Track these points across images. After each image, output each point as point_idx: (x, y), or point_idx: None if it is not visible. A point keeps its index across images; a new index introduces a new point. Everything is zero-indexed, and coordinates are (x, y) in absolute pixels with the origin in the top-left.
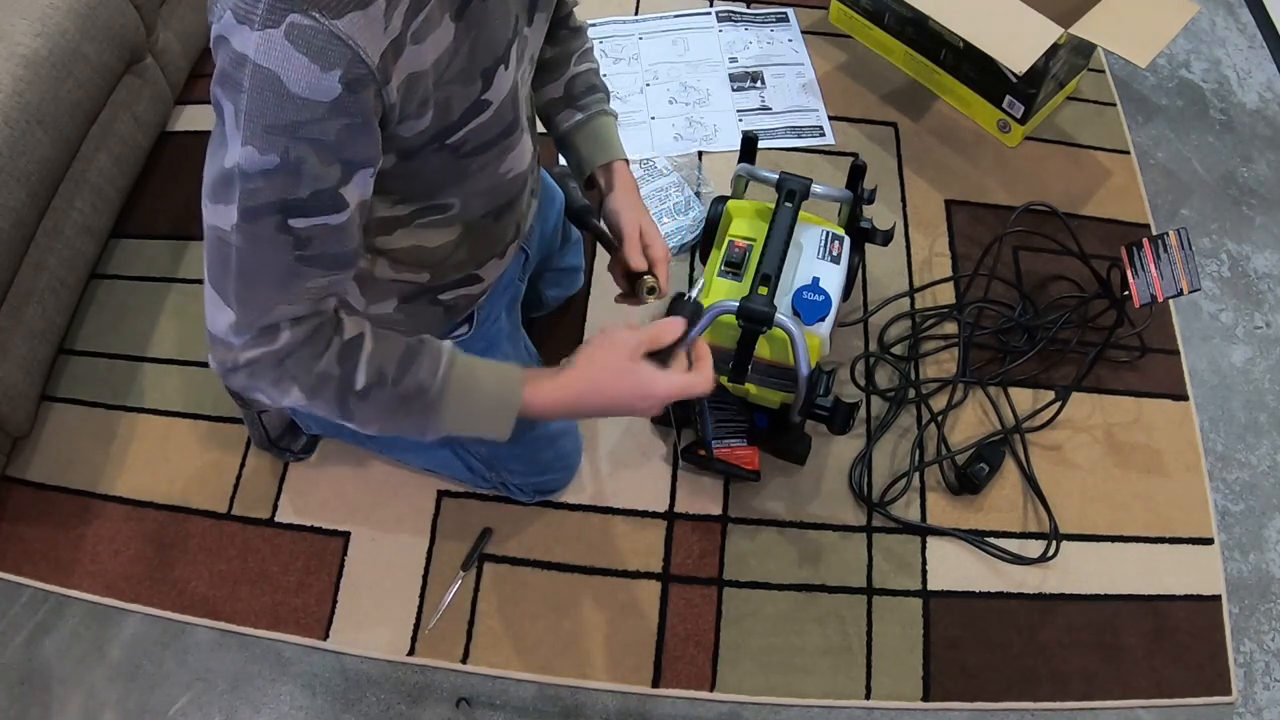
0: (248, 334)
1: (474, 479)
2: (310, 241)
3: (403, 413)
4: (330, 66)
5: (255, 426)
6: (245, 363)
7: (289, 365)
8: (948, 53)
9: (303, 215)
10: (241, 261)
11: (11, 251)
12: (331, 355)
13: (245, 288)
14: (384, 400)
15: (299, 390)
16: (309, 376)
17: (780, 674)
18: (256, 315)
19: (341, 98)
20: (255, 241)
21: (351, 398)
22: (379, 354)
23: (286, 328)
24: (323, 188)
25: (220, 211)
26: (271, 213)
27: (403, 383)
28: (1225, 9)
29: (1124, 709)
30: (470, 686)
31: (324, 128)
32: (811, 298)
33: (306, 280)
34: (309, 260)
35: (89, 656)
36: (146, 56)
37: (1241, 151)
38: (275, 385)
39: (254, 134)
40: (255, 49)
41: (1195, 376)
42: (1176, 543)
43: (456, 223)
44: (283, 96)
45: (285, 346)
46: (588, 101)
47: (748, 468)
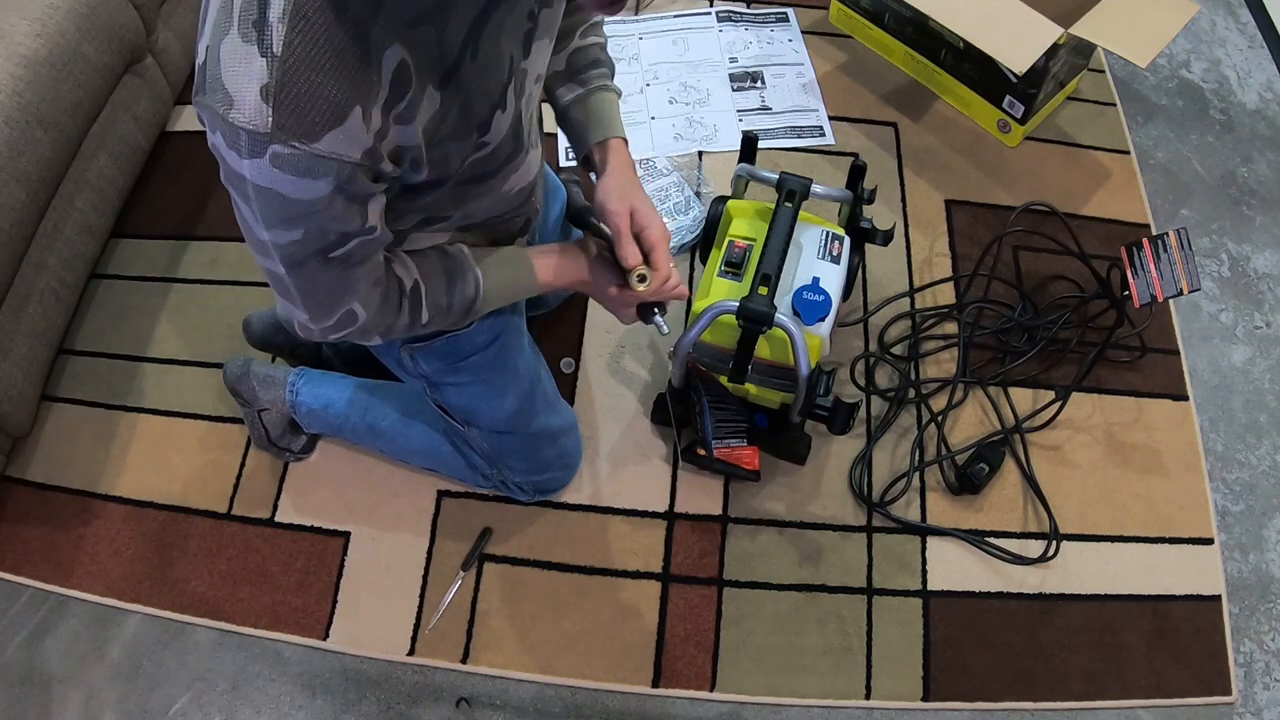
0: (325, 322)
1: (474, 478)
2: (351, 257)
3: (462, 318)
4: (319, 177)
5: (255, 426)
6: (332, 339)
7: (368, 327)
8: (948, 53)
9: (338, 248)
10: (299, 288)
11: (11, 251)
12: (404, 312)
13: (309, 301)
14: (445, 320)
15: (378, 337)
16: (386, 330)
17: (780, 674)
18: (327, 314)
19: (336, 190)
20: (305, 277)
21: (419, 327)
22: (433, 293)
23: (361, 310)
24: (349, 230)
25: (268, 263)
26: (313, 259)
27: (453, 306)
28: (1225, 9)
29: (1124, 709)
30: (470, 686)
31: (331, 207)
32: (811, 298)
33: (360, 279)
34: (354, 264)
35: (89, 656)
36: (146, 56)
37: (1241, 151)
38: (359, 338)
39: (272, 223)
40: (249, 173)
41: (1195, 376)
42: (1176, 543)
43: (454, 228)
44: (285, 202)
45: (364, 322)
46: (589, 76)
47: (748, 468)
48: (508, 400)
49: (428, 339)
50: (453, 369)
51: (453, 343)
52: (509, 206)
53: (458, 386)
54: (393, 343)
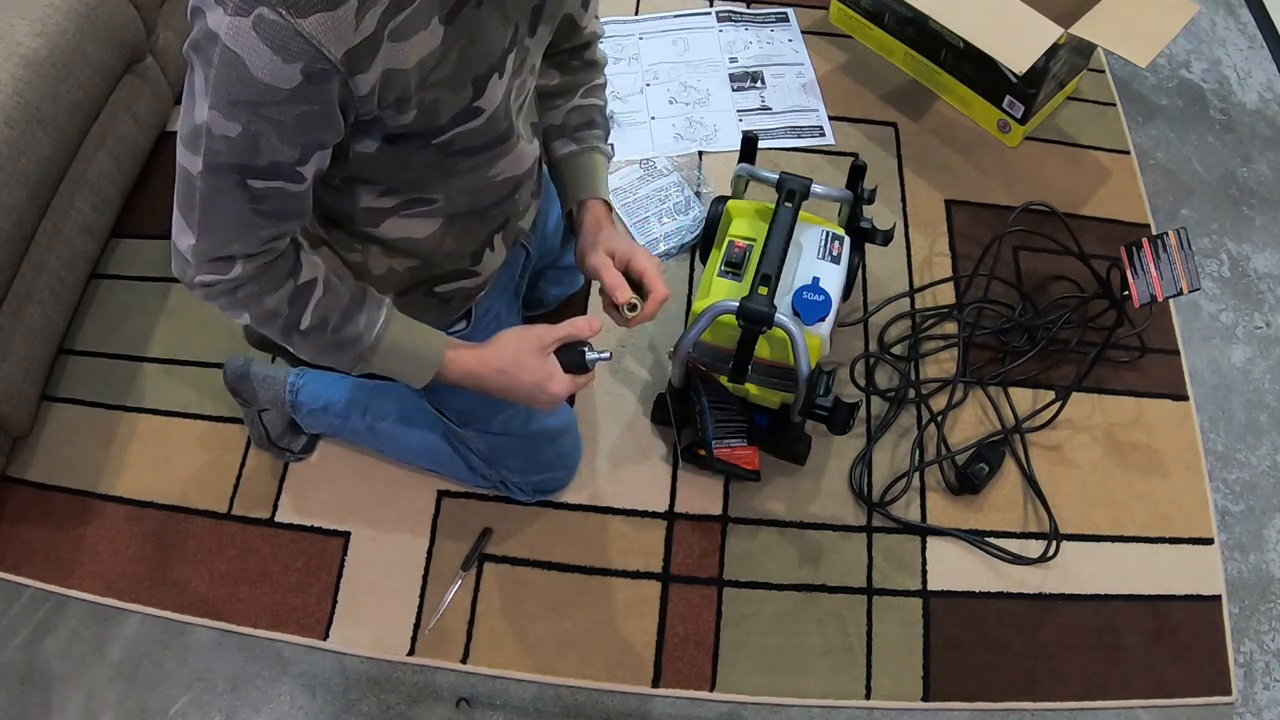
0: (203, 260)
1: (474, 478)
2: (265, 199)
3: (336, 353)
4: (292, 60)
5: (255, 426)
6: (200, 284)
7: (241, 296)
8: (948, 53)
9: (260, 178)
10: (203, 201)
11: (11, 251)
12: (284, 295)
13: (205, 222)
14: (322, 342)
15: (249, 317)
16: (259, 309)
17: (780, 674)
18: (212, 246)
19: (301, 86)
20: (216, 190)
21: (295, 334)
22: (326, 302)
23: (240, 261)
24: (280, 161)
25: (189, 157)
26: (232, 172)
27: (342, 331)
28: (1225, 9)
29: (1124, 709)
30: (470, 686)
31: (283, 110)
32: (811, 298)
33: (259, 229)
34: (263, 214)
35: (89, 656)
36: (146, 56)
37: (1241, 151)
38: (229, 309)
39: (219, 103)
40: (225, 31)
41: (1195, 376)
42: (1176, 543)
43: (440, 215)
44: (246, 79)
45: (238, 278)
46: (583, 135)
47: (748, 468)
48: (505, 403)
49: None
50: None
51: None
52: (493, 197)
53: (454, 390)
54: None
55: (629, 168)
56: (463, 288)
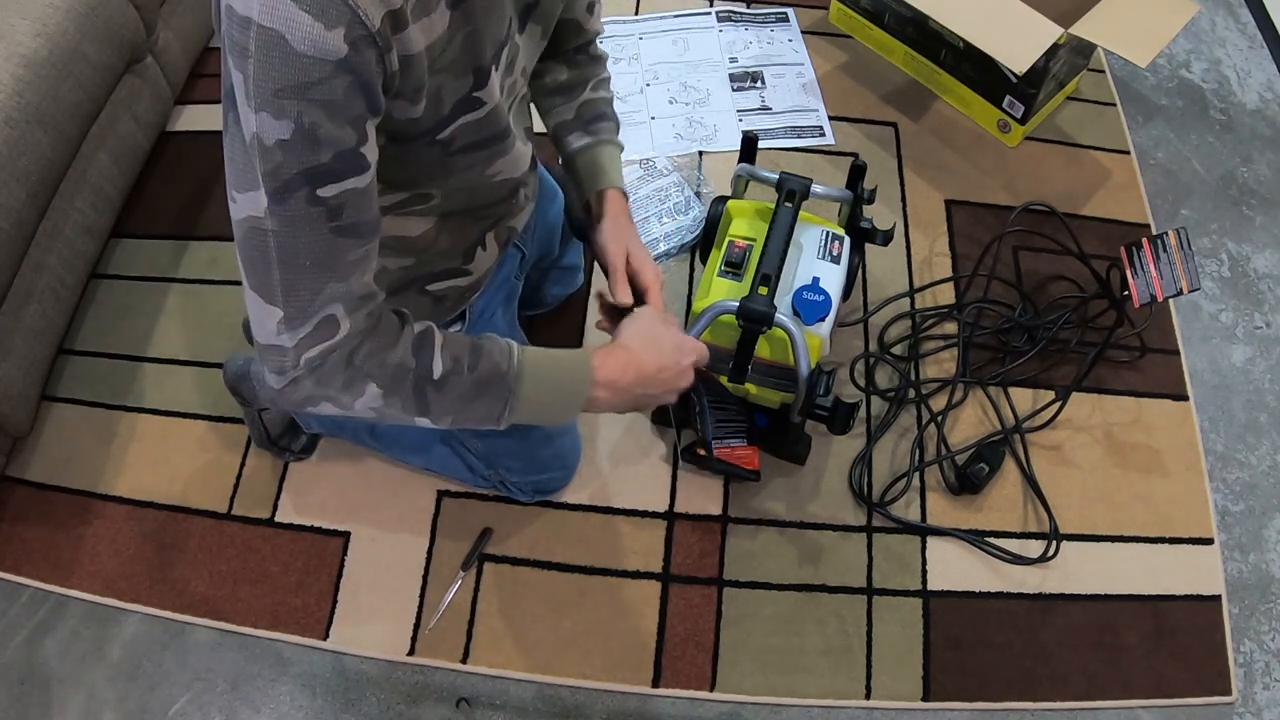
0: (301, 329)
1: (474, 479)
2: (343, 209)
3: (481, 399)
4: (333, 24)
5: (256, 425)
6: (306, 365)
7: (359, 360)
8: (948, 53)
9: (331, 181)
10: (280, 247)
11: (11, 251)
12: (405, 346)
13: (288, 274)
14: (462, 387)
15: (375, 386)
16: (384, 370)
17: (780, 674)
18: (306, 303)
19: (347, 56)
20: (291, 222)
21: (430, 388)
22: (450, 344)
23: (343, 317)
24: (343, 149)
25: (249, 200)
26: (299, 186)
27: (479, 368)
28: (1225, 9)
29: (1124, 709)
30: (470, 686)
31: (331, 86)
32: (811, 298)
33: (347, 253)
34: (344, 230)
35: (89, 656)
36: (146, 56)
37: (1241, 151)
38: (348, 387)
39: (265, 100)
40: (259, 10)
41: (1195, 376)
42: (1176, 543)
43: (436, 213)
44: (288, 55)
45: (348, 337)
46: (597, 128)
47: (748, 468)
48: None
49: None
50: None
51: None
52: (491, 198)
53: None
54: None
55: (629, 168)
56: (455, 286)
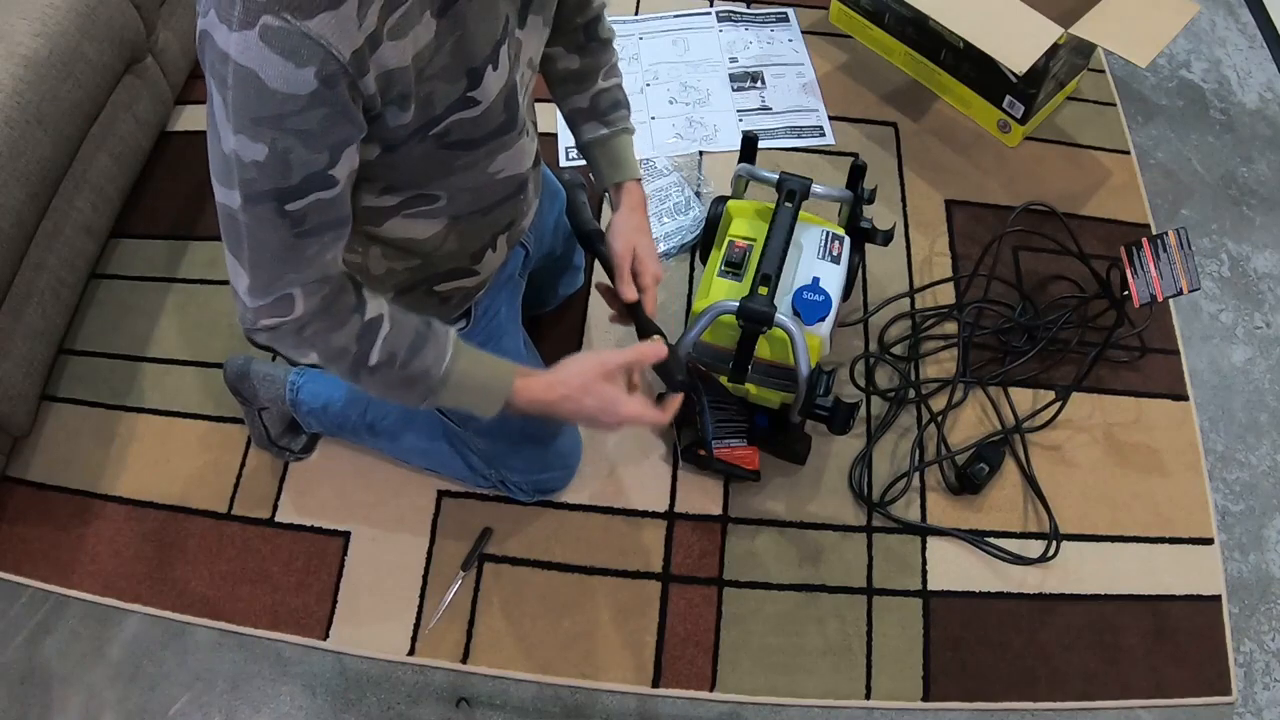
0: (262, 300)
1: (474, 478)
2: (306, 218)
3: (404, 389)
4: (304, 64)
5: (256, 425)
6: (264, 328)
7: (308, 335)
8: (948, 53)
9: (297, 198)
10: (249, 235)
11: (11, 251)
12: (351, 332)
13: (255, 255)
14: (391, 378)
15: (317, 356)
16: (327, 348)
17: (780, 674)
18: (267, 282)
19: (318, 91)
20: (259, 221)
21: (363, 371)
22: (393, 337)
23: (300, 297)
24: (313, 171)
25: (226, 193)
26: (269, 199)
27: (410, 366)
28: (1225, 9)
29: (1124, 709)
30: (470, 686)
31: (305, 118)
32: (811, 298)
33: (306, 250)
34: (306, 234)
35: (89, 656)
36: (146, 56)
37: (1241, 151)
38: (295, 349)
39: (242, 125)
40: (235, 49)
41: (1195, 376)
42: (1176, 543)
43: (444, 215)
44: (263, 92)
45: (302, 316)
46: (613, 118)
47: (748, 468)
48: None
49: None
50: None
51: None
52: (496, 196)
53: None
54: None
55: None
56: (462, 287)
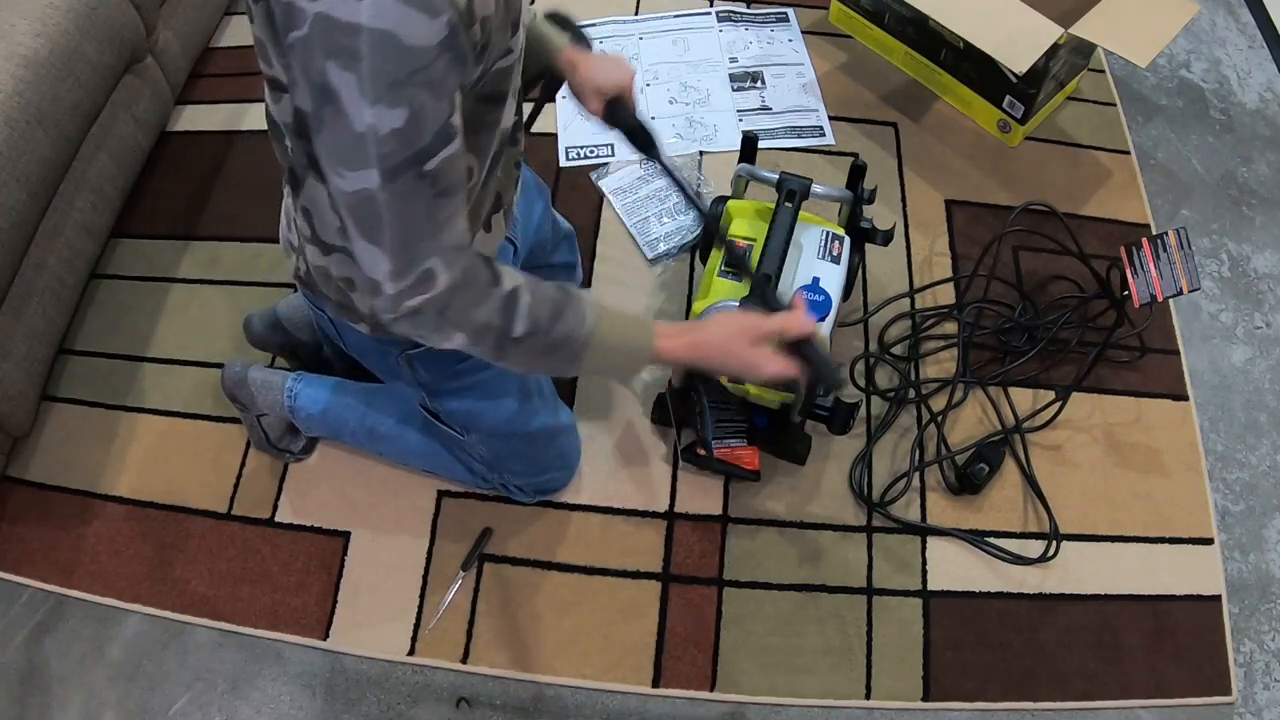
0: (405, 281)
1: (474, 480)
2: (440, 176)
3: (549, 358)
4: (436, 14)
5: (255, 430)
6: (407, 311)
7: (450, 313)
8: (948, 53)
9: (431, 157)
10: (391, 215)
11: (11, 251)
12: (494, 305)
13: (396, 235)
14: (536, 347)
15: (462, 335)
16: (471, 325)
17: (780, 674)
18: (410, 259)
19: (445, 39)
20: (400, 196)
21: (508, 344)
22: (535, 306)
23: (441, 269)
24: (441, 125)
25: (361, 176)
26: (409, 166)
27: (553, 333)
28: (1225, 9)
29: (1124, 709)
30: (470, 686)
31: (435, 69)
32: (811, 298)
33: (443, 213)
34: (442, 194)
35: (89, 656)
36: (146, 56)
37: (1241, 151)
38: (438, 330)
39: (380, 93)
40: (367, 15)
41: (1195, 376)
42: (1176, 543)
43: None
44: (400, 51)
45: (444, 291)
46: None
47: (748, 468)
48: (509, 400)
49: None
50: (453, 374)
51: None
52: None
53: (458, 391)
54: (389, 351)
55: (629, 168)
56: None
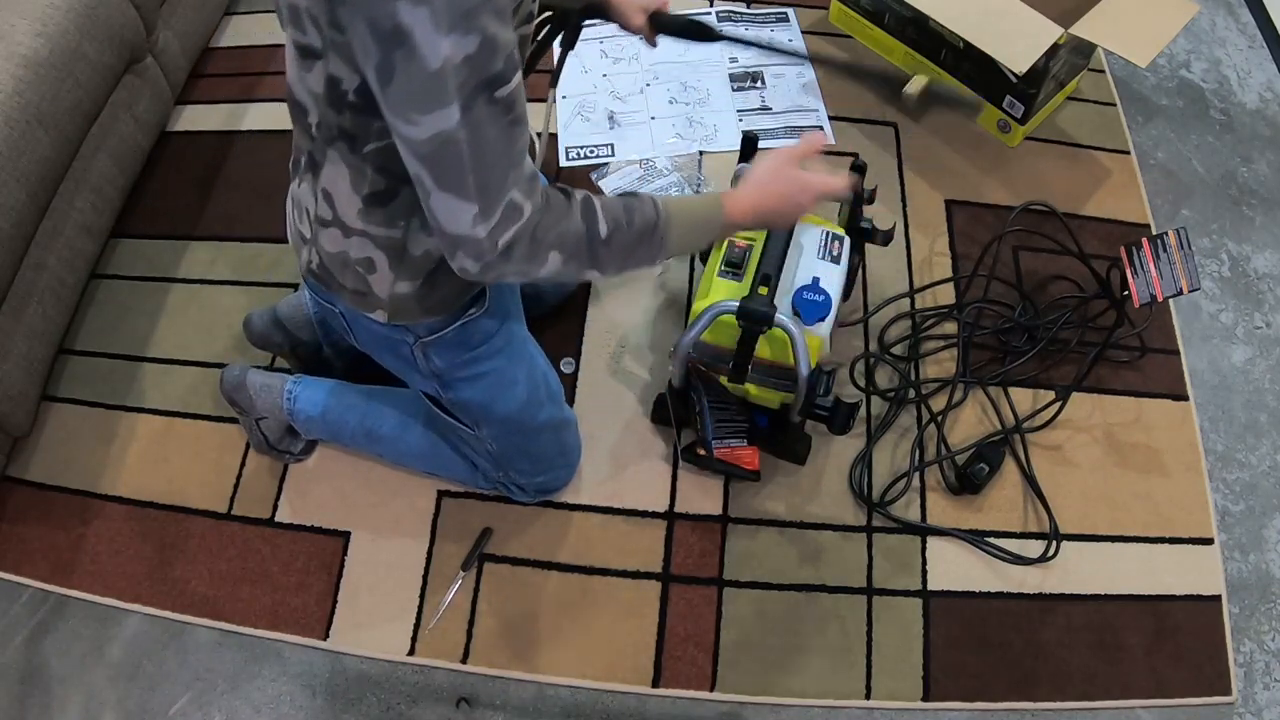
0: (494, 218)
1: (475, 479)
2: (513, 104)
3: (640, 247)
4: None
5: (254, 433)
6: (503, 247)
7: (541, 234)
8: (948, 53)
9: (503, 83)
10: (472, 150)
11: (11, 251)
12: (575, 214)
13: (481, 173)
14: (626, 240)
15: (557, 254)
16: (563, 238)
17: (780, 674)
18: (495, 195)
19: None
20: (478, 126)
21: (599, 246)
22: (608, 205)
23: (523, 199)
24: (507, 50)
25: (439, 116)
26: (483, 91)
27: (635, 223)
28: (1225, 9)
29: (1124, 709)
30: (470, 686)
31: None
32: (811, 298)
33: (519, 141)
34: (516, 121)
35: (89, 656)
36: (146, 56)
37: (1241, 151)
38: (534, 259)
39: (455, 23)
40: None
41: (1195, 376)
42: (1176, 543)
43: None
44: None
45: (531, 216)
46: None
47: (748, 468)
48: (519, 388)
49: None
50: (466, 362)
51: (463, 332)
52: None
53: (471, 380)
54: (403, 341)
55: (629, 168)
56: None
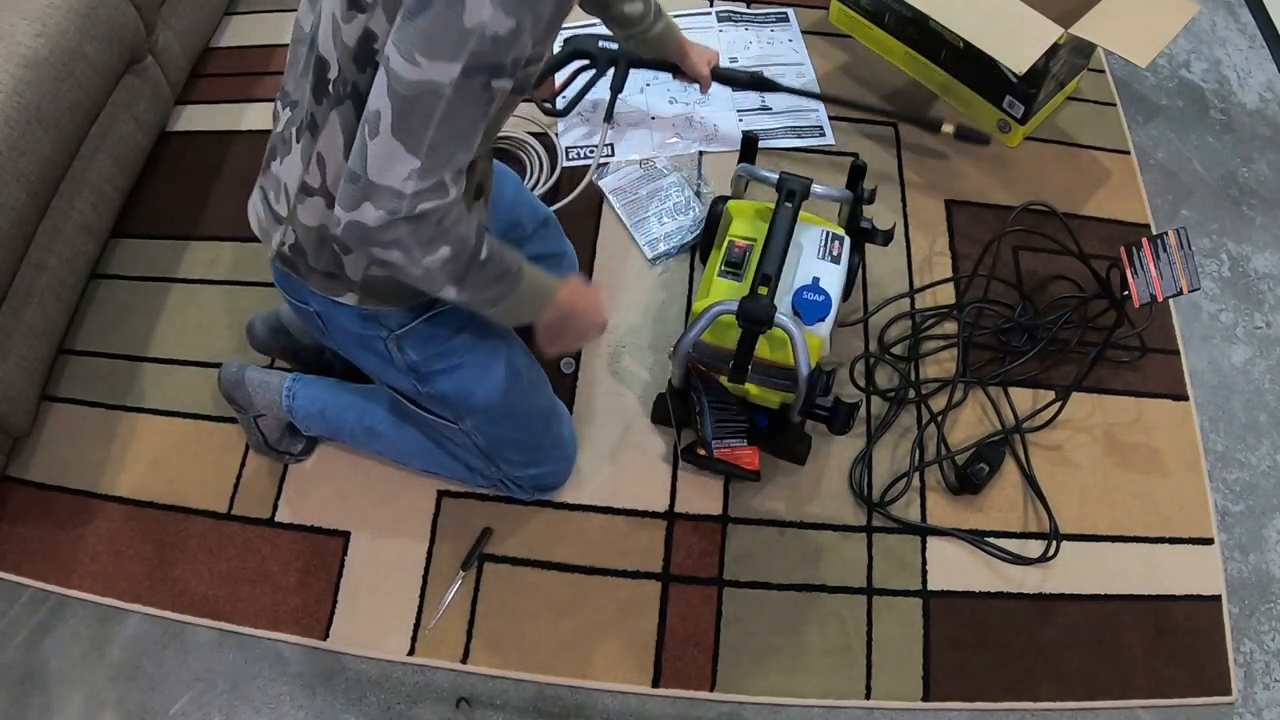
0: (427, 182)
1: (473, 478)
2: (498, 96)
3: (498, 284)
4: None
5: (253, 432)
6: (419, 213)
7: (447, 224)
8: (948, 53)
9: (500, 78)
10: (447, 112)
11: (11, 251)
12: (473, 225)
13: (441, 136)
14: (493, 270)
15: (447, 250)
16: (458, 240)
17: (780, 674)
18: (440, 162)
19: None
20: (463, 95)
21: (474, 264)
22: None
23: (451, 184)
24: (521, 56)
25: (440, 68)
26: (485, 73)
27: (504, 261)
28: (1225, 9)
29: (1124, 709)
30: (470, 686)
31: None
32: (811, 298)
33: (479, 131)
34: (488, 115)
35: (89, 656)
36: (146, 56)
37: (1241, 151)
38: (429, 245)
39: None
40: None
41: (1195, 376)
42: (1176, 543)
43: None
44: None
45: (452, 200)
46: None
47: (748, 468)
48: (498, 376)
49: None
50: (441, 353)
51: (434, 323)
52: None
53: (448, 371)
54: (377, 336)
55: (629, 167)
56: None
